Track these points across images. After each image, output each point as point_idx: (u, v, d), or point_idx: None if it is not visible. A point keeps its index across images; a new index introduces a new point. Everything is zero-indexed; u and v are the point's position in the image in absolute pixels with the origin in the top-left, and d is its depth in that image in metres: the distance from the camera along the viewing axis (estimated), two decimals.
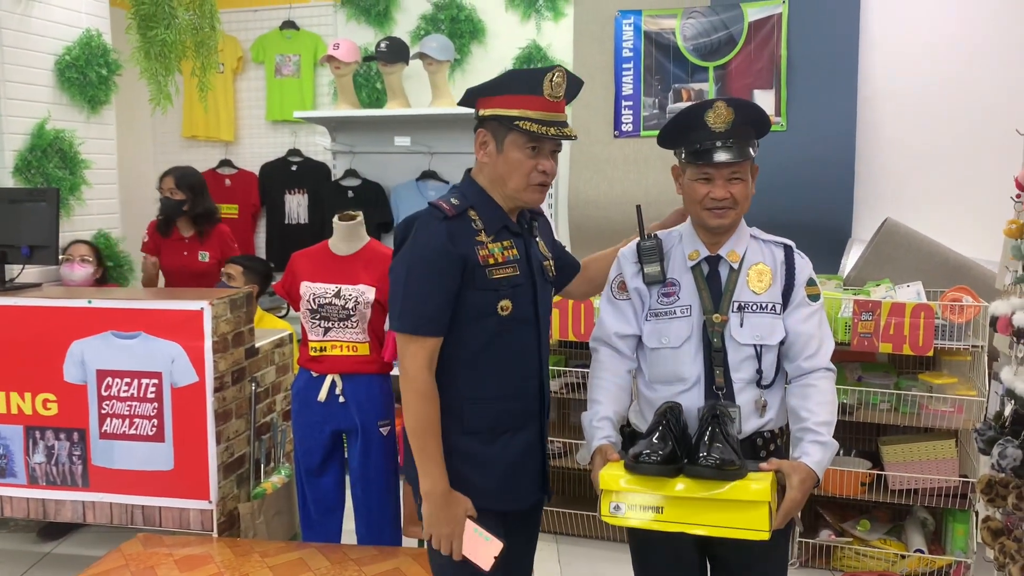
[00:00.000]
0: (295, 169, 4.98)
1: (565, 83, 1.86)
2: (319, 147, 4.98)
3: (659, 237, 1.99)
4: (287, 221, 5.00)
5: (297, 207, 4.98)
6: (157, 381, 2.91)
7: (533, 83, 1.82)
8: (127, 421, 2.94)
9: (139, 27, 3.47)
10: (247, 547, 2.75)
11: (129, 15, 3.51)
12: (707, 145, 1.85)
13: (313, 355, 2.87)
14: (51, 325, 2.97)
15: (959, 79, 4.05)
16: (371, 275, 2.86)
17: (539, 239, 2.02)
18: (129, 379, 2.93)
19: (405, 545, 2.90)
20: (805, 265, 1.97)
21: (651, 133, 4.30)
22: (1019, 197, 2.44)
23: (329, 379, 2.85)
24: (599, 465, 1.83)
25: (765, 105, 4.07)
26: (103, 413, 2.96)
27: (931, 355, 3.25)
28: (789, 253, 1.97)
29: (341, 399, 2.85)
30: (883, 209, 4.06)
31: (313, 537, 2.95)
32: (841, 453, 3.41)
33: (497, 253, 1.86)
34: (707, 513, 1.70)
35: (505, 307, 1.86)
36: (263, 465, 3.19)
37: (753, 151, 1.89)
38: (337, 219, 2.91)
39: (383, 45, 4.44)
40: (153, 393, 2.91)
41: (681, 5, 4.27)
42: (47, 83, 3.99)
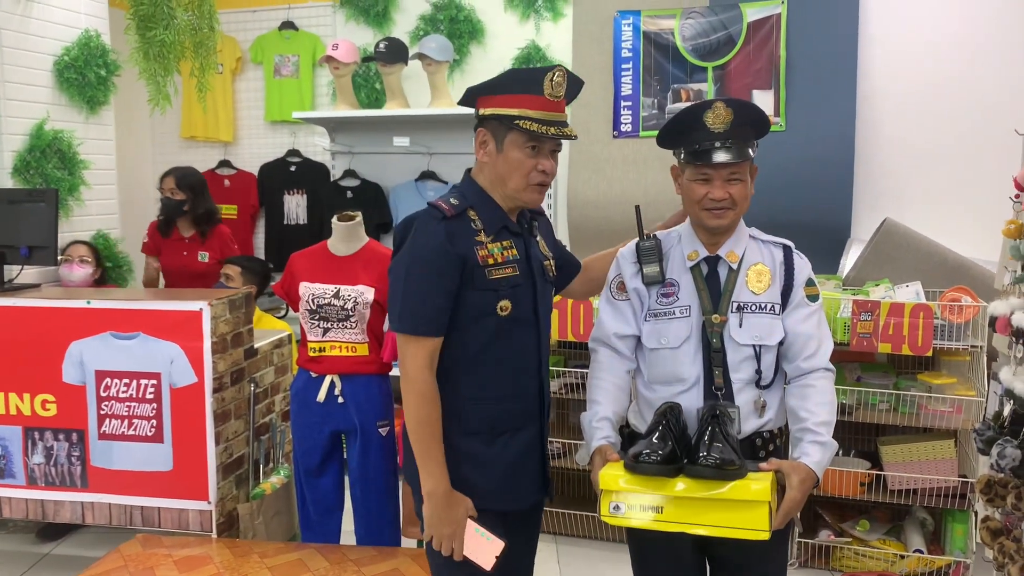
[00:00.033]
0: (294, 169, 4.98)
1: (565, 83, 1.86)
2: (318, 147, 4.98)
3: (658, 237, 1.99)
4: (286, 222, 5.00)
5: (296, 207, 4.98)
6: (156, 382, 2.90)
7: (533, 82, 1.82)
8: (126, 422, 2.94)
9: (138, 28, 3.47)
10: (246, 548, 2.75)
11: (128, 16, 3.51)
12: (706, 146, 1.85)
13: (312, 356, 2.87)
14: (50, 326, 2.96)
15: (958, 79, 4.05)
16: (370, 275, 2.86)
17: (540, 239, 2.02)
18: (128, 380, 2.93)
19: (404, 546, 2.90)
20: (804, 265, 1.97)
21: (650, 133, 4.30)
22: (1018, 197, 2.44)
23: (328, 380, 2.85)
24: (599, 465, 1.82)
25: (764, 105, 4.07)
26: (102, 414, 2.95)
27: (930, 355, 3.25)
28: (788, 253, 1.97)
29: (340, 400, 2.85)
30: (882, 209, 4.07)
31: (312, 538, 2.95)
32: (840, 453, 3.41)
33: (496, 253, 1.86)
34: (707, 513, 1.70)
35: (504, 307, 1.85)
36: (262, 466, 3.19)
37: (752, 152, 1.89)
38: (336, 219, 2.91)
39: (382, 45, 4.43)
40: (152, 394, 2.91)
41: (680, 5, 4.27)
42: (46, 84, 3.99)
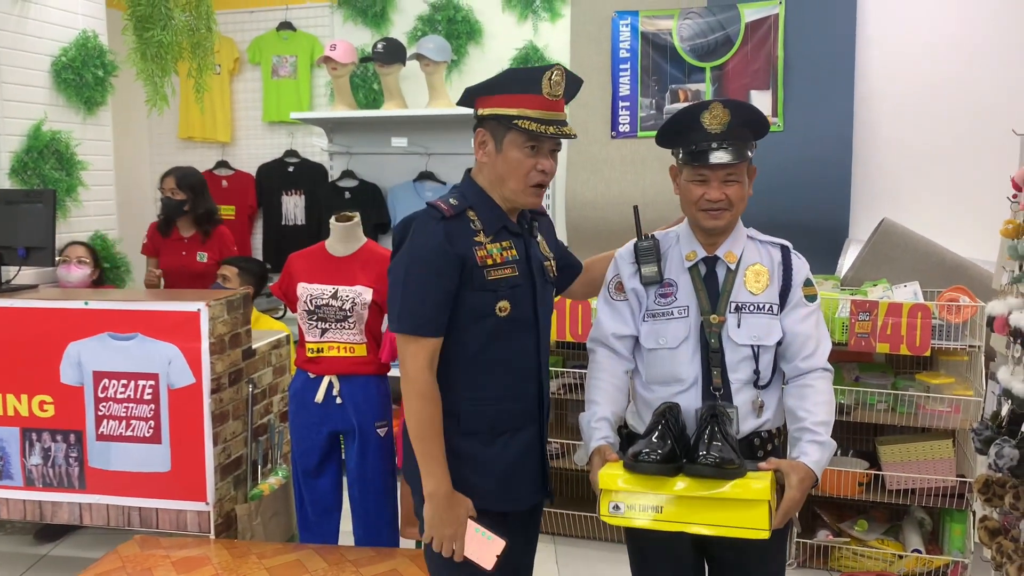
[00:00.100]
0: (292, 170, 4.97)
1: (564, 82, 1.85)
2: (316, 148, 4.98)
3: (656, 238, 1.99)
4: (284, 222, 4.99)
5: (294, 208, 4.97)
6: (154, 382, 2.90)
7: (532, 82, 1.81)
8: (124, 423, 2.93)
9: (135, 28, 3.46)
10: (244, 548, 2.74)
11: (125, 16, 3.51)
12: (703, 146, 1.84)
13: (310, 356, 2.86)
14: (48, 326, 2.96)
15: (956, 79, 4.06)
16: (368, 276, 2.85)
17: (541, 239, 2.01)
18: (126, 380, 2.92)
19: (402, 546, 2.89)
20: (802, 266, 1.97)
21: (648, 134, 4.31)
22: (1016, 197, 2.45)
23: (326, 380, 2.85)
24: (597, 465, 1.82)
25: (762, 106, 4.07)
26: (100, 415, 2.95)
27: (928, 355, 3.26)
28: (786, 254, 1.97)
29: (338, 400, 2.84)
30: (880, 209, 4.07)
31: (310, 538, 2.95)
32: (838, 453, 3.41)
33: (496, 254, 1.85)
34: (707, 512, 1.70)
35: (503, 308, 1.85)
36: (260, 466, 3.18)
37: (750, 153, 1.88)
38: (334, 220, 2.91)
39: (380, 46, 4.43)
40: (150, 395, 2.91)
41: (678, 6, 4.27)
42: (43, 84, 3.99)
